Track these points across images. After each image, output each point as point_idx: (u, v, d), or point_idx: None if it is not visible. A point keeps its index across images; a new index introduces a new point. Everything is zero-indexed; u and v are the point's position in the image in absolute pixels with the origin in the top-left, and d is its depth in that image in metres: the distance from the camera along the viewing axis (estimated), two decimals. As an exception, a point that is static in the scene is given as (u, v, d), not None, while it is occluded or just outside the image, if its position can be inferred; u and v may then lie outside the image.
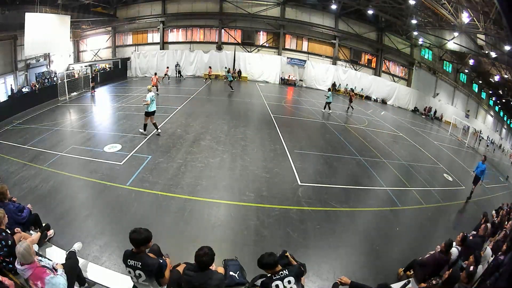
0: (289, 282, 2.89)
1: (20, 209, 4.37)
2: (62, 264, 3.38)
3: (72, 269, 3.46)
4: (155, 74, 17.38)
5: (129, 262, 2.97)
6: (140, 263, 2.94)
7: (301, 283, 3.09)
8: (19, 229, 3.94)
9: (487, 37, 17.67)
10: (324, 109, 16.48)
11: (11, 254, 3.30)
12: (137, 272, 2.96)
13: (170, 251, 4.05)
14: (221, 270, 3.38)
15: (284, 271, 2.95)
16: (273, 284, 2.89)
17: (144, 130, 9.90)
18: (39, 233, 4.21)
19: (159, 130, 10.00)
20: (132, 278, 3.04)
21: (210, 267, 2.92)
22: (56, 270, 3.12)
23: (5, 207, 4.02)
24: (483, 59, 21.20)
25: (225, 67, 23.54)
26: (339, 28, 24.55)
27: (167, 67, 21.80)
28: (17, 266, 2.96)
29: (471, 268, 4.10)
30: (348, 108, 18.00)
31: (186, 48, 24.82)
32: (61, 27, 17.49)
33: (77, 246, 4.20)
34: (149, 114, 9.52)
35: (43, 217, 4.82)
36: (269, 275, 2.99)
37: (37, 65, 18.25)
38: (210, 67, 23.60)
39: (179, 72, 22.74)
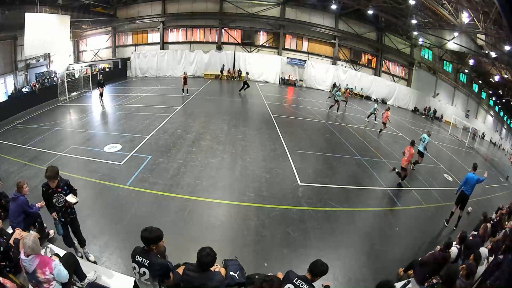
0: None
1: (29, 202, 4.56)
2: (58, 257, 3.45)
3: (69, 263, 3.49)
4: (185, 73, 17.51)
5: (136, 258, 2.99)
6: (148, 262, 2.96)
7: None
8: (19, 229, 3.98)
9: (487, 37, 17.67)
10: (368, 118, 16.35)
11: (6, 258, 3.38)
12: (142, 269, 2.97)
13: (170, 251, 4.04)
14: (223, 271, 3.36)
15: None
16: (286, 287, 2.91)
17: None
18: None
19: None
20: (135, 274, 3.07)
21: (211, 268, 2.92)
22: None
23: (18, 198, 4.38)
24: (483, 59, 21.19)
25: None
26: (339, 28, 24.54)
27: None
28: (23, 257, 2.98)
29: (471, 261, 4.10)
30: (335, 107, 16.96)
31: (186, 48, 24.83)
32: (61, 27, 17.49)
33: (92, 275, 3.96)
34: None
35: (42, 217, 4.80)
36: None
37: (37, 65, 18.24)
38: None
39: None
